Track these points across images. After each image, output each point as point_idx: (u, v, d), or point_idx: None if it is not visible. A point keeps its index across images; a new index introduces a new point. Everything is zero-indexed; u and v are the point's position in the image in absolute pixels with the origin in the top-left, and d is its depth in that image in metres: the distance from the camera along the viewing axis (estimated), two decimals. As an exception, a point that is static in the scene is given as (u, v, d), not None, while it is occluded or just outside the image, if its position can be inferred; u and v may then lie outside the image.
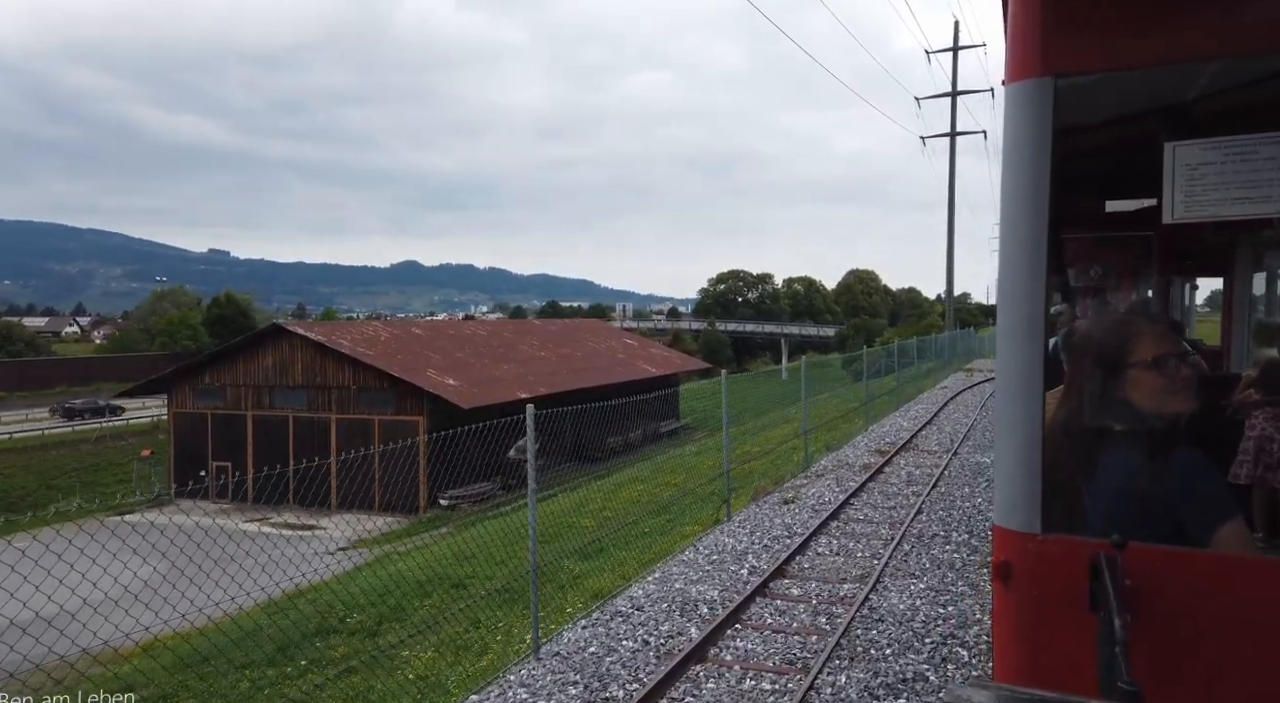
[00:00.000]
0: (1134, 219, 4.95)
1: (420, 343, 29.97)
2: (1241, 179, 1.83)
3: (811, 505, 11.00)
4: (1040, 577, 1.79)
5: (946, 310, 42.19)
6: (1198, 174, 1.86)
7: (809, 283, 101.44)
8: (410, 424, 25.62)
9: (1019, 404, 1.83)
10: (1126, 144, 3.10)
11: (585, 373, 34.39)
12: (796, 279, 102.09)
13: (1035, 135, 1.77)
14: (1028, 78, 1.78)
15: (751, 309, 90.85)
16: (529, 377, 30.75)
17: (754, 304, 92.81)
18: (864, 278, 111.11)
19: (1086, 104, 2.46)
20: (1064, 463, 1.95)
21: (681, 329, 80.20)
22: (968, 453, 14.90)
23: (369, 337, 28.54)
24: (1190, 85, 2.33)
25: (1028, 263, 1.80)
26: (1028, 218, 1.79)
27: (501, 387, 28.30)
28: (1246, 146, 1.82)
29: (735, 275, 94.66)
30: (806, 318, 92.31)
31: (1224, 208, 1.86)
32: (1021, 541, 1.81)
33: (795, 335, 77.86)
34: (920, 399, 23.64)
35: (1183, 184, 1.87)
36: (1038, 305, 1.80)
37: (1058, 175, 1.77)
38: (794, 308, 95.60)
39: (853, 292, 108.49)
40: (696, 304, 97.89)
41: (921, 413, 20.07)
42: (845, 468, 13.59)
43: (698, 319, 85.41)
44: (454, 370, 28.07)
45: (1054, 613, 1.78)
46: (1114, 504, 1.93)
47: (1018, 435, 1.83)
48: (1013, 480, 1.85)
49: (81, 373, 54.44)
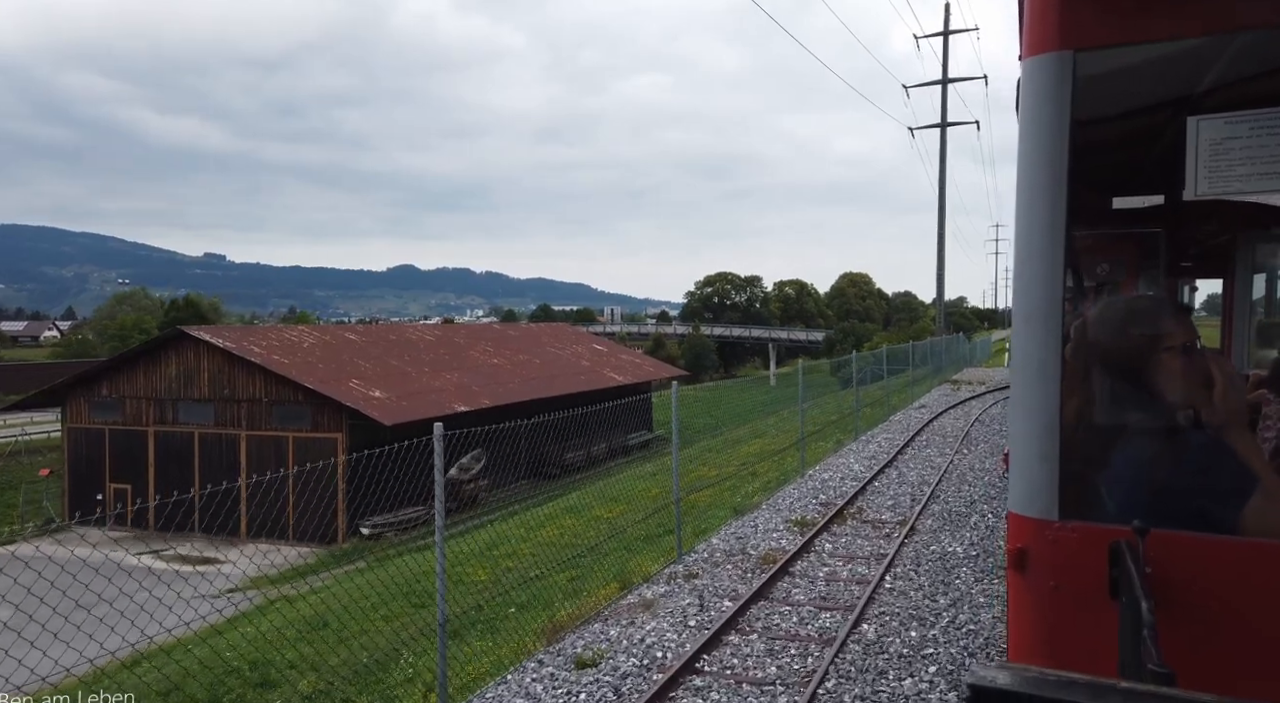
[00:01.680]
0: (1141, 216, 4.84)
1: (351, 350, 27.03)
2: (1268, 154, 1.80)
3: (613, 681, 5.83)
4: (1058, 564, 1.79)
5: (937, 313, 39.25)
6: (1221, 149, 1.82)
7: (800, 286, 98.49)
8: (328, 442, 22.70)
9: (1036, 390, 1.82)
10: (1134, 137, 3.02)
11: (542, 382, 31.47)
12: (787, 282, 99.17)
13: (1054, 112, 1.75)
14: (1046, 52, 1.77)
15: (739, 313, 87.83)
16: (473, 387, 27.83)
17: (742, 308, 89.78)
18: (857, 281, 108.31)
19: (1092, 92, 2.13)
20: (1081, 449, 1.95)
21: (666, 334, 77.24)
22: (932, 529, 9.71)
23: (288, 343, 25.58)
24: (1214, 60, 2.14)
25: (1046, 247, 1.77)
26: (1046, 200, 1.76)
27: (439, 399, 25.37)
28: (1274, 120, 1.80)
29: (723, 278, 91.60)
30: (798, 322, 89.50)
31: (1249, 184, 1.83)
32: (1038, 528, 1.81)
33: (784, 340, 74.93)
34: (891, 422, 19.94)
35: (1205, 160, 1.83)
36: (1056, 290, 1.77)
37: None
38: (785, 312, 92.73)
39: (845, 295, 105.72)
40: (683, 308, 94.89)
41: (882, 448, 15.69)
42: (737, 558, 8.89)
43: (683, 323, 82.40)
44: (385, 381, 25.13)
45: (1072, 600, 1.77)
46: (1134, 490, 1.93)
47: (1035, 422, 1.82)
48: (1029, 467, 1.83)
49: (9, 380, 51.31)
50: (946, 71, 39.67)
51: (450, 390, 26.58)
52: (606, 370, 37.27)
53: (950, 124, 39.86)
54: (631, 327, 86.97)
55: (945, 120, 39.56)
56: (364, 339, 29.05)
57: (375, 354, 27.56)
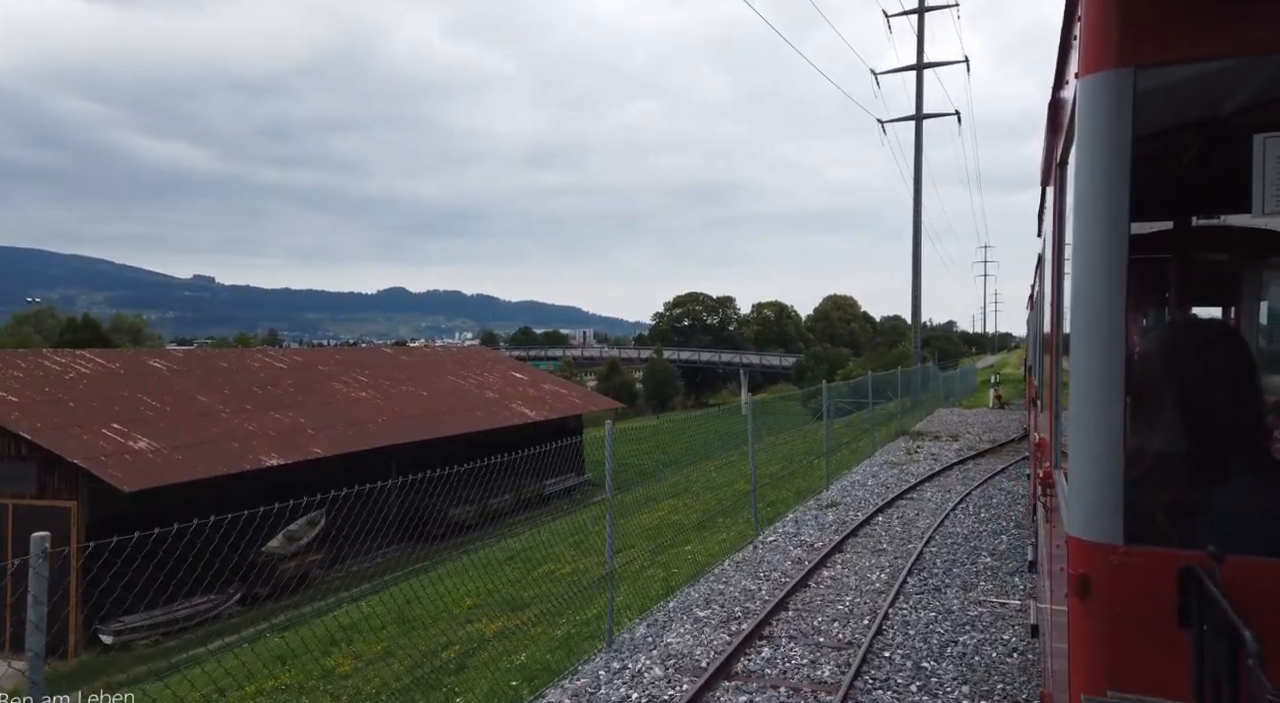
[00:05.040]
0: (1149, 242, 4.75)
1: (143, 383, 20.80)
2: None
3: None
4: (1123, 590, 1.74)
5: (913, 336, 33.07)
6: None
7: (780, 308, 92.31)
8: (59, 513, 16.47)
9: (1099, 410, 1.77)
10: (1147, 163, 2.72)
11: (420, 420, 25.30)
12: (766, 304, 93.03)
13: (1114, 132, 1.75)
14: (1105, 69, 1.76)
15: (712, 336, 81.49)
16: (309, 430, 21.61)
17: (715, 331, 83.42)
18: (841, 304, 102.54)
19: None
20: (1148, 471, 1.93)
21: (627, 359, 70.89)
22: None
23: (44, 374, 19.37)
24: (1244, 81, 2.20)
25: (1108, 265, 1.77)
26: (1108, 219, 1.77)
27: (243, 448, 19.15)
28: None
29: (693, 299, 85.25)
30: (777, 345, 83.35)
31: None
32: (1102, 553, 1.76)
33: (756, 365, 68.69)
34: (784, 522, 12.23)
35: (1274, 177, 1.80)
36: (1119, 307, 1.77)
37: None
38: (763, 335, 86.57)
39: (829, 318, 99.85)
40: (651, 330, 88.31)
41: (747, 614, 7.65)
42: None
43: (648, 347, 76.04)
44: (167, 425, 18.92)
45: (1137, 628, 1.73)
46: (1207, 515, 1.89)
47: (1098, 442, 1.77)
48: (1092, 490, 1.78)
49: None
50: (921, 56, 34.03)
51: (268, 437, 20.34)
52: (515, 404, 31.07)
53: (926, 116, 34.15)
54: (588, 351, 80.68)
55: (920, 111, 33.82)
56: (177, 367, 22.82)
57: (180, 388, 21.33)
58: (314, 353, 31.28)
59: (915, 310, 31.80)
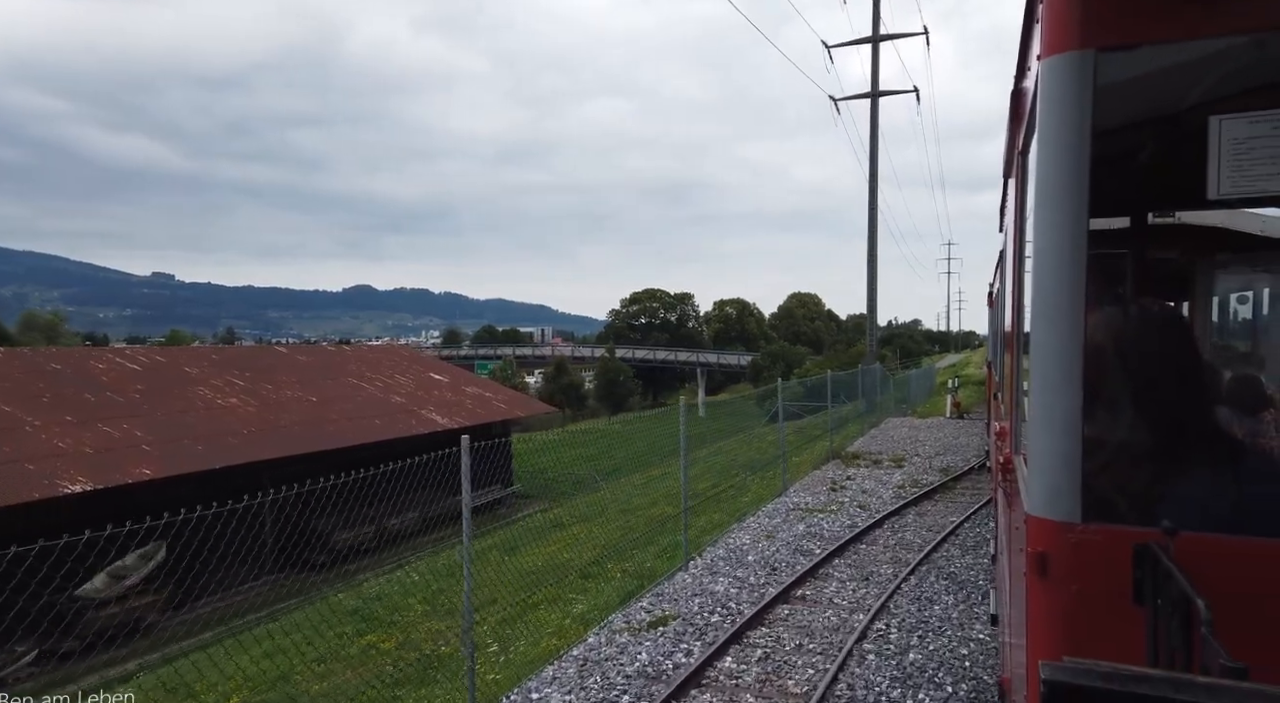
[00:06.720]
0: (1107, 238, 4.86)
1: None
2: None
3: None
4: (1081, 567, 1.76)
5: (868, 331, 30.14)
6: (1244, 148, 1.81)
7: (741, 305, 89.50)
8: None
9: (1058, 390, 1.77)
10: (1110, 158, 2.92)
11: (300, 432, 21.78)
12: (728, 301, 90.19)
13: (1074, 115, 1.74)
14: (1066, 51, 1.74)
15: (669, 334, 78.36)
16: (143, 446, 18.01)
17: (673, 328, 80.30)
18: (805, 302, 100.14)
19: None
20: (1103, 451, 1.95)
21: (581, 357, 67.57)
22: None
23: None
24: (1232, 61, 2.11)
25: (1067, 248, 1.75)
26: (1068, 202, 1.75)
27: (40, 470, 15.55)
28: None
29: (650, 295, 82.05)
30: (739, 344, 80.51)
31: (1275, 183, 1.80)
32: (1060, 531, 1.78)
33: (714, 364, 65.74)
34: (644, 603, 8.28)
35: (1229, 160, 1.80)
36: (1078, 291, 1.76)
37: None
38: (724, 333, 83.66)
39: (794, 316, 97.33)
40: (606, 327, 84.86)
41: None
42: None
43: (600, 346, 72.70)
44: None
45: (1095, 603, 1.75)
46: (1161, 491, 1.91)
47: (1056, 425, 1.78)
48: (1050, 470, 1.79)
49: None
50: (877, 27, 31.13)
51: (83, 455, 16.74)
52: (427, 409, 27.62)
53: (882, 94, 31.26)
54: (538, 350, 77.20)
55: (876, 88, 30.94)
56: (-11, 371, 19.06)
57: (-19, 396, 17.63)
58: (183, 352, 27.51)
59: (871, 303, 28.89)
